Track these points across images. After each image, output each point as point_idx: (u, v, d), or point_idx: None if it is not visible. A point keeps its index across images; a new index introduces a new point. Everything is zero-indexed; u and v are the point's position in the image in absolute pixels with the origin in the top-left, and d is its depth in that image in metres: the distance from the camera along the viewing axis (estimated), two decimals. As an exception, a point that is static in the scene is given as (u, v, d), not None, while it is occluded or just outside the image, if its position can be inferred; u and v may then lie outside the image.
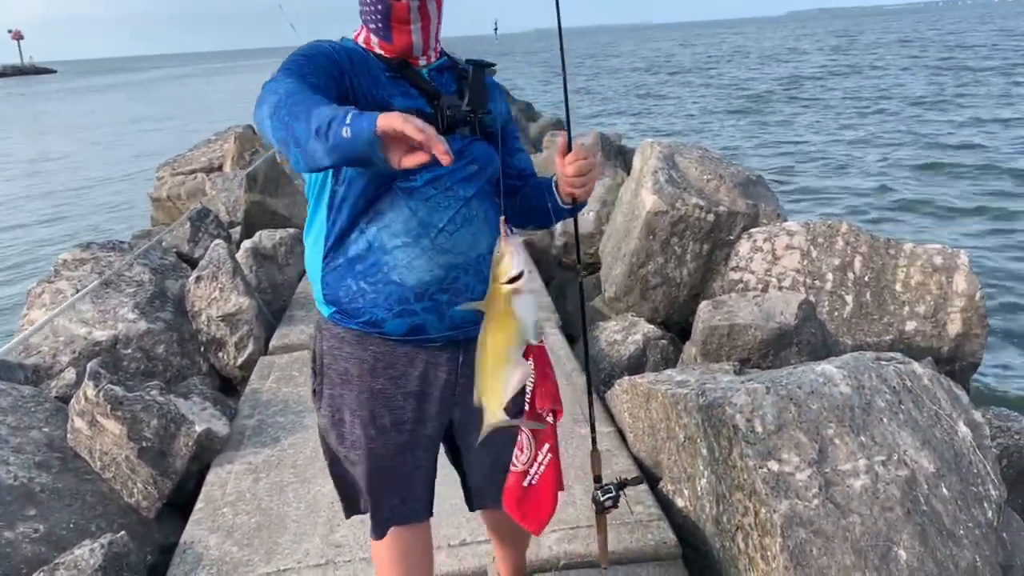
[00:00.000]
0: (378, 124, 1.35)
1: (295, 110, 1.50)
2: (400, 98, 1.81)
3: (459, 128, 1.86)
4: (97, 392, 3.53)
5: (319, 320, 1.98)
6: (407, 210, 1.81)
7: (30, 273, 10.74)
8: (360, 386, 1.91)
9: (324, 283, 1.90)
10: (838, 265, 4.62)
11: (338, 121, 1.40)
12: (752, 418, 2.59)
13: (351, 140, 1.38)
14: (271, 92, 1.58)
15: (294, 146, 1.48)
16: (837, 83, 29.51)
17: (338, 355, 1.92)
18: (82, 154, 24.54)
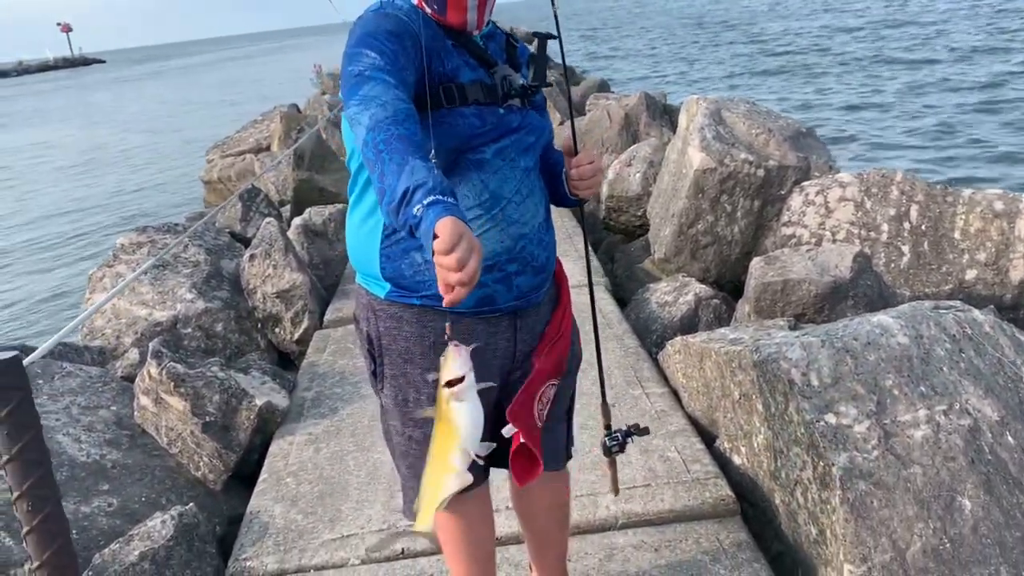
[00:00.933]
0: (436, 229, 1.35)
1: (393, 146, 1.49)
2: (465, 69, 1.79)
3: (512, 99, 1.84)
4: (160, 370, 3.63)
5: (369, 301, 1.93)
6: (479, 182, 1.79)
7: (90, 256, 11.05)
8: (423, 363, 1.87)
9: (383, 257, 1.84)
10: (893, 215, 4.51)
11: (418, 197, 1.40)
12: (808, 372, 2.55)
13: (416, 222, 1.39)
14: (377, 96, 1.57)
15: (377, 179, 1.48)
16: (885, 33, 28.55)
17: (397, 335, 1.88)
18: (133, 141, 25.05)
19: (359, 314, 1.99)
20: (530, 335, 1.96)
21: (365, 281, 1.94)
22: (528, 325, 1.94)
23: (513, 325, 1.92)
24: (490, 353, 1.90)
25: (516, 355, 1.95)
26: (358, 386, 4.13)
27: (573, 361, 2.11)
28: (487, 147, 1.79)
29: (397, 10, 1.78)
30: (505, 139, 1.81)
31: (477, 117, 1.77)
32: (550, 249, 1.95)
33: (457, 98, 1.75)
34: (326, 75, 22.39)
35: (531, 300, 1.92)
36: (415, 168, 1.44)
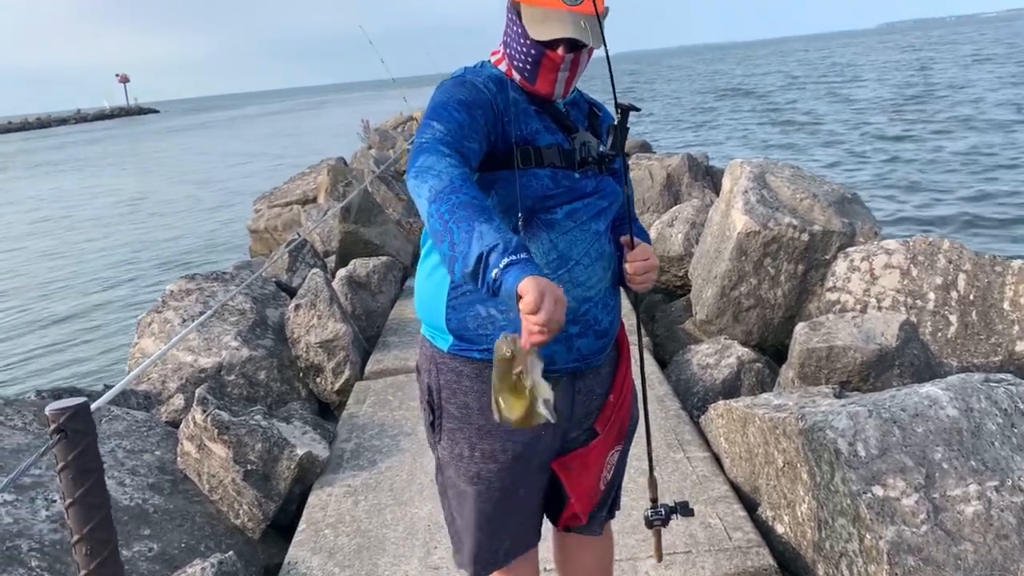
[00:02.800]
0: (519, 291, 1.41)
1: (458, 215, 1.51)
2: (544, 133, 1.84)
3: (590, 165, 1.88)
4: (205, 417, 3.69)
5: (432, 354, 1.94)
6: (548, 242, 1.82)
7: (139, 302, 11.28)
8: (481, 419, 1.88)
9: (449, 308, 1.86)
10: (940, 284, 4.47)
11: (494, 261, 1.44)
12: (854, 442, 2.53)
13: (496, 287, 1.45)
14: (431, 166, 1.60)
15: (448, 248, 1.51)
16: (932, 101, 28.48)
17: (457, 389, 1.90)
18: (182, 189, 25.68)
19: (421, 365, 2.00)
20: (588, 397, 1.96)
21: (430, 333, 1.96)
22: (587, 387, 1.95)
23: (572, 387, 1.92)
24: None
25: (573, 416, 1.95)
26: (397, 439, 4.15)
27: (632, 425, 2.12)
28: (559, 208, 1.82)
29: (477, 76, 1.84)
30: (578, 202, 1.84)
31: (551, 179, 1.81)
32: (614, 313, 1.97)
33: (533, 160, 1.80)
34: (373, 130, 22.87)
35: (591, 363, 1.93)
36: (483, 232, 1.47)
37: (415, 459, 3.91)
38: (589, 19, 1.74)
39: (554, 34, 1.74)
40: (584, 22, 1.74)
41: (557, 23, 1.74)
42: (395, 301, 6.70)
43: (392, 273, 6.91)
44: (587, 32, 1.74)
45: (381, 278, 6.61)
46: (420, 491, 3.61)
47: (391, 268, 6.92)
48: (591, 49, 1.82)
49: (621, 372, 2.04)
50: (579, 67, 1.84)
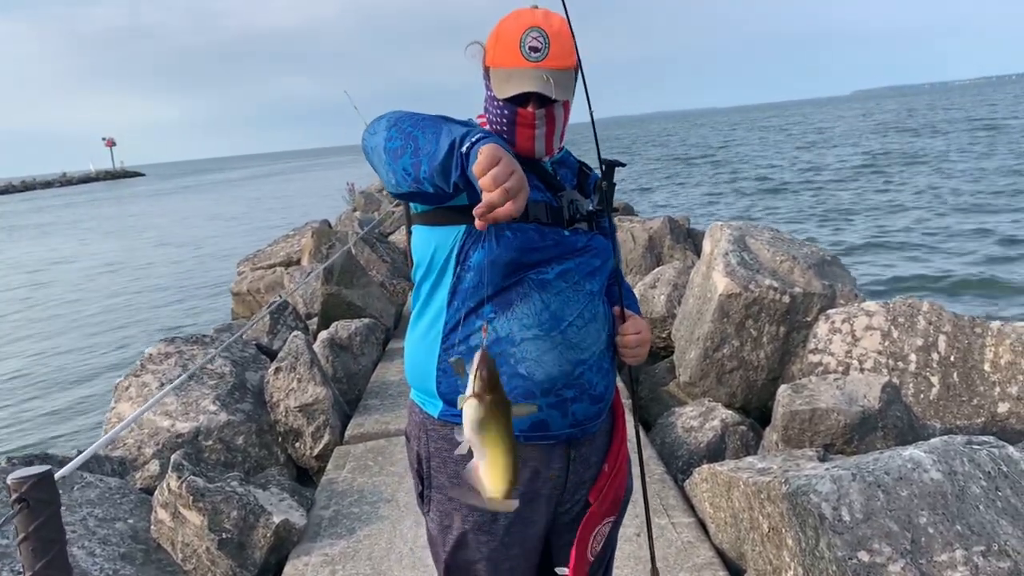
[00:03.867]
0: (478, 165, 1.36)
1: (422, 123, 1.55)
2: (532, 191, 1.79)
3: (579, 223, 1.86)
4: (180, 483, 3.61)
5: (422, 420, 1.89)
6: (539, 302, 1.78)
7: (117, 364, 11.14)
8: (471, 490, 1.84)
9: (440, 371, 1.82)
10: (921, 345, 4.48)
11: (467, 141, 1.44)
12: (839, 506, 2.49)
13: (460, 175, 1.44)
14: (389, 112, 1.65)
15: (410, 155, 1.52)
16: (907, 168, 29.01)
17: (447, 458, 1.84)
18: (165, 252, 25.64)
19: (411, 432, 1.95)
20: (583, 466, 1.90)
21: (420, 398, 1.92)
22: (582, 456, 1.89)
23: (567, 455, 1.87)
24: (540, 482, 1.85)
25: (567, 486, 1.90)
26: (376, 506, 4.07)
27: (626, 495, 2.07)
28: (550, 268, 1.79)
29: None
30: (569, 261, 1.81)
31: (537, 232, 1.78)
32: (609, 377, 1.92)
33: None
34: (359, 193, 23.01)
35: (587, 430, 1.87)
36: (451, 128, 1.48)
37: (394, 527, 3.83)
38: (553, 73, 1.75)
39: (517, 90, 1.75)
40: (547, 76, 1.74)
41: (519, 80, 1.75)
42: (377, 363, 6.65)
43: (374, 335, 6.87)
44: (550, 85, 1.74)
45: (363, 340, 6.56)
46: (399, 560, 3.52)
47: (373, 330, 6.88)
48: (566, 104, 1.82)
49: (616, 441, 1.99)
50: (555, 122, 1.83)
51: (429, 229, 1.83)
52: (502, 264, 1.76)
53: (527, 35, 1.76)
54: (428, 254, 1.84)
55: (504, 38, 1.80)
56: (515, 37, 1.77)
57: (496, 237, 1.76)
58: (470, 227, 1.77)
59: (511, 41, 1.78)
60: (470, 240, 1.78)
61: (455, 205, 1.77)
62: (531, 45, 1.76)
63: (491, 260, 1.76)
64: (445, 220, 1.79)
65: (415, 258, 1.90)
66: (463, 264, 1.79)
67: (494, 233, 1.76)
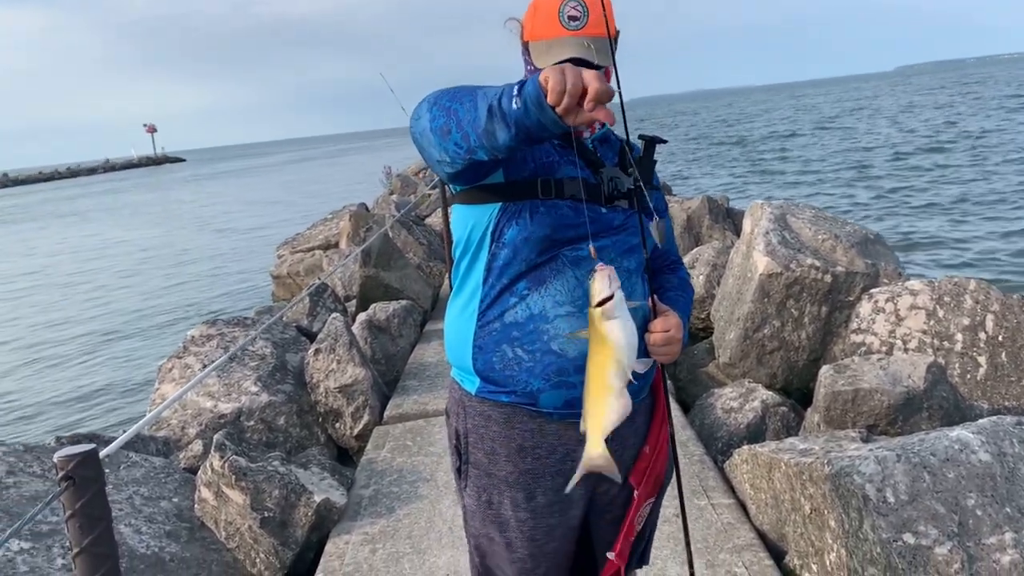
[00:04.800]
0: (539, 79, 1.37)
1: (458, 95, 1.55)
2: (567, 167, 1.80)
3: (619, 200, 1.84)
4: (223, 463, 3.66)
5: (461, 397, 1.90)
6: (573, 279, 1.77)
7: (161, 347, 11.34)
8: (508, 466, 1.84)
9: (476, 348, 1.83)
10: (968, 325, 4.39)
11: (507, 95, 1.43)
12: (883, 488, 2.45)
13: (522, 110, 1.40)
14: (429, 95, 1.66)
15: (455, 130, 1.53)
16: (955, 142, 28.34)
17: (484, 434, 1.85)
18: (206, 236, 25.96)
19: (450, 408, 1.96)
20: (621, 446, 1.87)
21: (458, 375, 1.92)
22: (620, 436, 1.83)
23: None
24: (576, 461, 1.81)
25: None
26: (415, 485, 4.09)
27: (667, 477, 2.05)
28: (585, 246, 1.75)
29: None
30: (605, 238, 1.79)
31: (572, 209, 1.77)
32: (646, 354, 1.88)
33: (553, 191, 1.77)
34: (395, 176, 23.09)
35: None
36: (486, 92, 1.47)
37: (433, 506, 3.85)
38: (595, 40, 1.73)
39: (558, 58, 1.72)
40: (589, 43, 1.73)
41: (560, 48, 1.74)
42: (415, 345, 6.68)
43: (412, 317, 6.90)
44: (591, 51, 1.72)
45: (401, 322, 6.60)
46: (439, 539, 3.55)
47: (411, 312, 6.91)
48: (608, 72, 1.79)
49: (656, 422, 1.97)
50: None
51: (467, 208, 1.83)
52: (536, 240, 1.76)
53: (565, 5, 1.76)
54: (466, 232, 1.84)
55: (542, 10, 1.79)
56: (553, 7, 1.77)
57: (531, 214, 1.75)
58: (505, 205, 1.78)
59: (550, 12, 1.77)
60: (505, 218, 1.78)
61: (491, 183, 1.77)
62: (570, 14, 1.75)
63: (525, 237, 1.75)
64: (481, 199, 1.79)
65: (454, 236, 1.90)
66: (498, 241, 1.79)
67: (529, 209, 1.75)
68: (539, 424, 1.82)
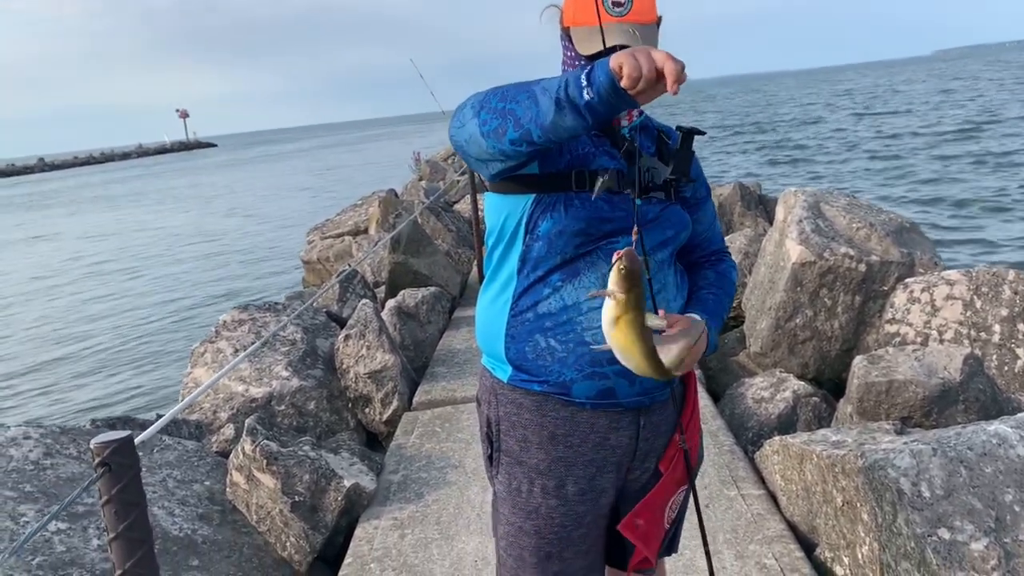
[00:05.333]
0: (611, 67, 1.39)
1: (509, 93, 1.55)
2: (601, 157, 1.79)
3: (655, 191, 1.82)
4: (254, 447, 3.70)
5: (492, 384, 1.90)
6: (608, 272, 1.74)
7: (193, 330, 11.48)
8: (540, 454, 1.83)
9: (508, 337, 1.83)
10: (1006, 316, 4.31)
11: (574, 86, 1.44)
12: (918, 482, 2.42)
13: (596, 99, 1.42)
14: (468, 99, 1.66)
15: (512, 129, 1.53)
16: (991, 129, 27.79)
17: (516, 421, 1.85)
18: (237, 222, 26.21)
19: (481, 396, 1.96)
20: (653, 434, 1.88)
21: (490, 363, 1.92)
22: (652, 423, 1.87)
23: (636, 422, 1.85)
24: (608, 450, 1.84)
25: (636, 454, 1.88)
26: (444, 471, 4.11)
27: (698, 463, 2.04)
28: (620, 238, 1.76)
29: None
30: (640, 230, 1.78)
31: (606, 202, 1.75)
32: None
33: (588, 183, 1.75)
34: (424, 162, 23.13)
35: (656, 397, 1.85)
36: (545, 85, 1.49)
37: (462, 492, 3.86)
38: (639, 27, 1.70)
39: (602, 45, 1.70)
40: (633, 30, 1.70)
41: (605, 35, 1.70)
42: (443, 332, 6.69)
43: (440, 304, 6.91)
44: (636, 38, 1.69)
45: (430, 308, 6.61)
46: (467, 525, 3.56)
47: (440, 299, 6.92)
48: None
49: (688, 409, 1.96)
50: None
51: (500, 197, 1.82)
52: (570, 234, 1.75)
53: None
54: (499, 221, 1.83)
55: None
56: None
57: (564, 206, 1.74)
58: (538, 196, 1.77)
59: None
60: (539, 210, 1.76)
61: (525, 174, 1.76)
62: (614, 0, 1.73)
63: (559, 230, 1.74)
64: (515, 189, 1.78)
65: (488, 224, 1.89)
66: (532, 233, 1.78)
67: (563, 202, 1.74)
68: (571, 412, 1.82)
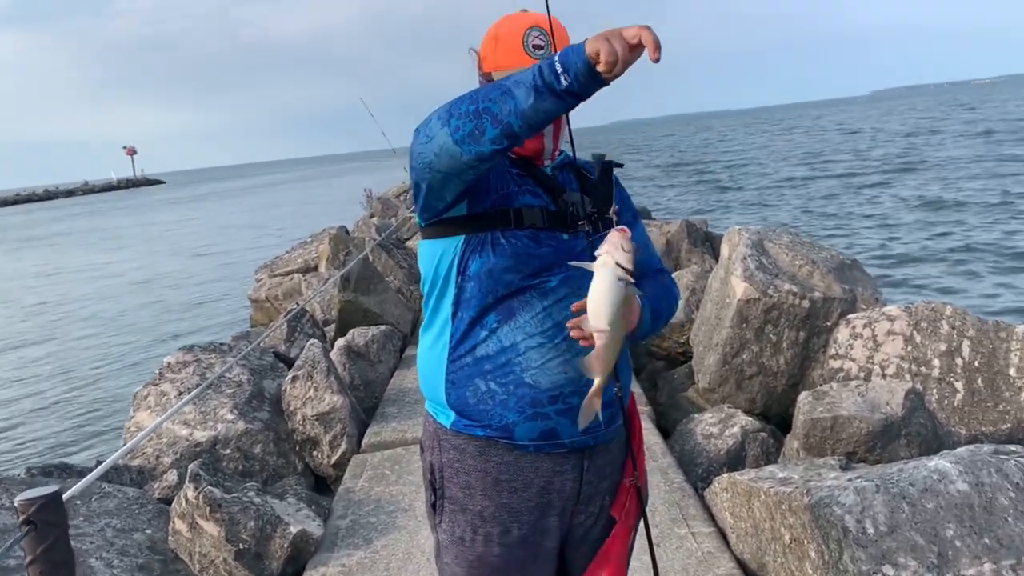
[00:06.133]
0: (588, 53, 1.43)
1: (478, 96, 1.56)
2: (524, 196, 1.80)
3: (581, 224, 1.83)
4: (197, 494, 3.60)
5: (435, 430, 1.88)
6: (542, 310, 1.77)
7: (137, 374, 11.21)
8: (484, 500, 1.81)
9: (448, 383, 1.82)
10: (945, 351, 4.41)
11: (549, 72, 1.47)
12: (863, 519, 2.45)
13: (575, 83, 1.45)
14: (430, 115, 1.65)
15: (491, 126, 1.53)
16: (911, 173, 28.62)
17: (460, 468, 1.83)
18: (184, 260, 25.77)
19: (424, 442, 1.93)
20: (597, 476, 1.87)
21: (432, 409, 1.90)
22: (596, 466, 1.86)
23: (580, 465, 1.84)
24: (553, 494, 1.83)
25: (580, 497, 1.87)
26: (393, 516, 4.05)
27: (643, 504, 2.04)
28: (552, 276, 1.77)
29: None
30: (570, 266, 1.78)
31: (532, 239, 1.76)
32: (621, 381, 1.88)
33: (513, 221, 1.76)
34: (376, 199, 23.06)
35: (599, 437, 1.84)
36: (517, 79, 1.51)
37: (411, 537, 3.80)
38: None
39: None
40: None
41: None
42: (394, 371, 6.63)
43: (391, 342, 6.86)
44: None
45: (380, 347, 6.55)
46: (416, 571, 3.50)
47: (390, 337, 6.87)
48: None
49: (634, 451, 1.96)
50: (562, 122, 1.83)
51: (432, 242, 1.83)
52: (499, 271, 1.75)
53: (529, 34, 1.78)
54: (432, 266, 1.84)
55: (505, 40, 1.80)
56: (517, 37, 1.79)
57: (492, 246, 1.75)
58: (468, 237, 1.77)
59: (513, 42, 1.79)
60: (468, 250, 1.77)
61: (455, 216, 1.76)
62: (534, 43, 1.77)
63: (488, 269, 1.75)
64: (446, 232, 1.79)
65: (422, 271, 1.90)
66: (464, 274, 1.79)
67: (491, 241, 1.75)
68: (515, 457, 1.81)
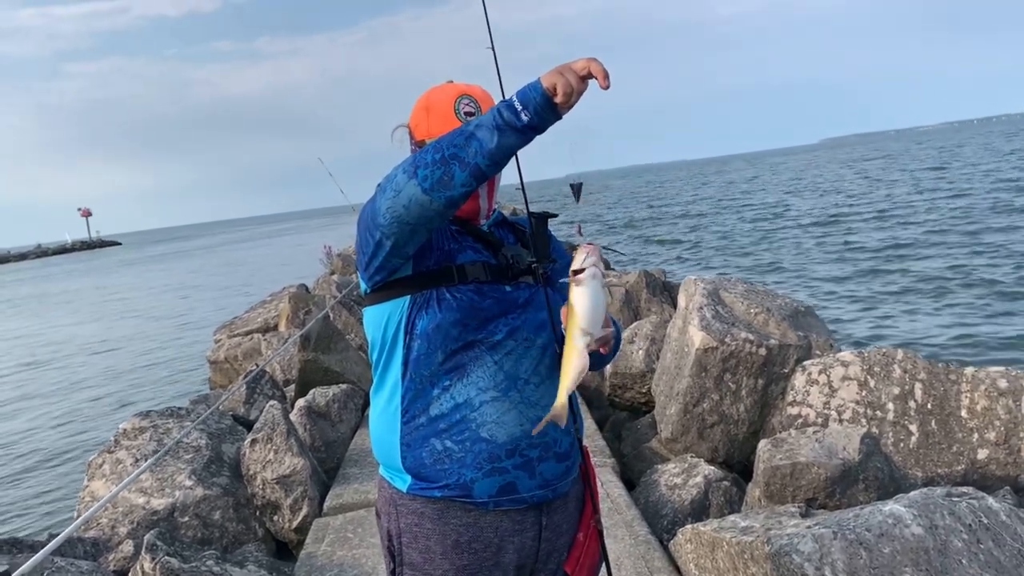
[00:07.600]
0: (545, 87, 1.53)
1: (442, 144, 1.61)
2: (467, 252, 1.84)
3: (523, 277, 1.87)
4: (154, 565, 3.52)
5: (391, 495, 1.87)
6: (492, 364, 1.79)
7: (96, 442, 10.94)
8: (444, 564, 1.80)
9: (403, 445, 1.82)
10: (898, 394, 4.50)
11: (508, 112, 1.54)
12: (821, 566, 2.47)
13: (535, 118, 1.53)
14: (393, 172, 1.70)
15: (459, 171, 1.58)
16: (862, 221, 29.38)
17: (418, 533, 1.82)
18: (143, 323, 25.32)
19: (380, 508, 1.92)
20: (555, 534, 1.88)
21: (388, 474, 1.90)
22: (553, 523, 1.87)
23: (539, 522, 1.85)
24: (513, 553, 1.83)
25: (539, 555, 1.88)
26: (358, 579, 3.98)
27: (601, 561, 2.03)
28: (498, 328, 1.80)
29: None
30: (516, 318, 1.82)
31: (476, 293, 1.80)
32: (574, 435, 1.90)
33: (456, 277, 1.80)
34: (336, 255, 23.01)
35: (558, 490, 1.86)
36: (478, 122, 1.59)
37: (376, 600, 3.74)
38: None
39: None
40: None
41: None
42: (356, 430, 6.56)
43: (352, 401, 6.80)
44: None
45: (341, 407, 6.49)
46: (381, 636, 3.43)
47: (351, 396, 6.81)
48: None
49: (589, 508, 1.97)
50: (494, 182, 1.90)
51: (378, 307, 1.85)
52: (447, 327, 1.78)
53: (459, 102, 1.86)
54: (380, 330, 1.85)
55: (436, 109, 1.87)
56: (448, 106, 1.86)
57: (438, 302, 1.78)
58: (415, 296, 1.80)
59: (445, 111, 1.86)
60: (415, 308, 1.80)
61: (400, 277, 1.79)
62: (466, 111, 1.85)
63: (435, 325, 1.77)
64: (392, 294, 1.82)
65: (369, 338, 1.91)
66: (411, 333, 1.81)
67: (435, 298, 1.78)
68: (474, 517, 1.81)
